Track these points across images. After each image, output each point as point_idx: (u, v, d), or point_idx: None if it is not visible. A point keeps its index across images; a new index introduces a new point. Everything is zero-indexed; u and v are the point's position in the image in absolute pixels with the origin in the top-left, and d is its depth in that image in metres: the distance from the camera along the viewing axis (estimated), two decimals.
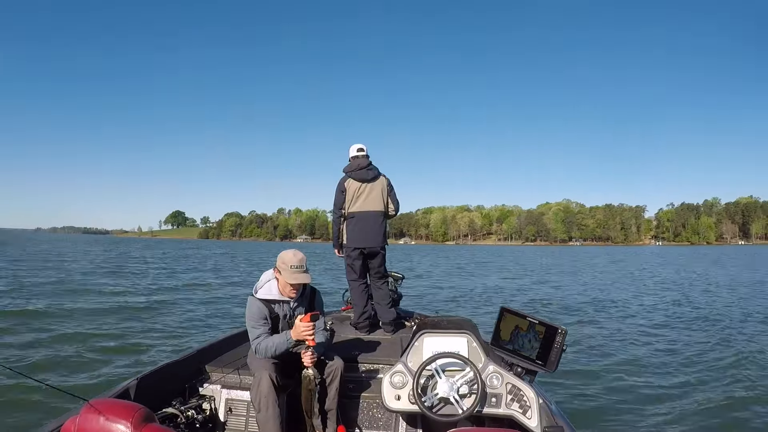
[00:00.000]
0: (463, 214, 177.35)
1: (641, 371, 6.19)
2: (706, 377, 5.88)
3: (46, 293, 12.82)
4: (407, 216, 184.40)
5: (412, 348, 2.74)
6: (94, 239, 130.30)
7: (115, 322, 9.04)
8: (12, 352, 6.71)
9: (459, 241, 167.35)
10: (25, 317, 9.18)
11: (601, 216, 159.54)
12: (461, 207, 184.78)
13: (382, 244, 4.17)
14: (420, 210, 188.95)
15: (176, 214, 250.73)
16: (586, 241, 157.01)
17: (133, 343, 7.50)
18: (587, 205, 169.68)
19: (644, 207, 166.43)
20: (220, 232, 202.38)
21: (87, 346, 7.13)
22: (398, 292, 4.57)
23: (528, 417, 2.44)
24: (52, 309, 10.24)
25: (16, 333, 7.84)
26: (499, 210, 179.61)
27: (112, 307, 11.00)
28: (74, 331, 8.11)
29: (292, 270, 2.65)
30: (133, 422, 1.39)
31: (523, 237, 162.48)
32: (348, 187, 4.10)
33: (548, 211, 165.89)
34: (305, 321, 2.56)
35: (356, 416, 2.97)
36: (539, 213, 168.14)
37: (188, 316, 10.11)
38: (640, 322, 10.02)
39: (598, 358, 6.78)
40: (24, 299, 11.51)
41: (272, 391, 2.54)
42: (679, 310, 11.63)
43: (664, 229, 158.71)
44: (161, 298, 12.89)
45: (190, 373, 3.04)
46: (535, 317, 2.58)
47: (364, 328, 4.07)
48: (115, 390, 2.54)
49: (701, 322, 9.74)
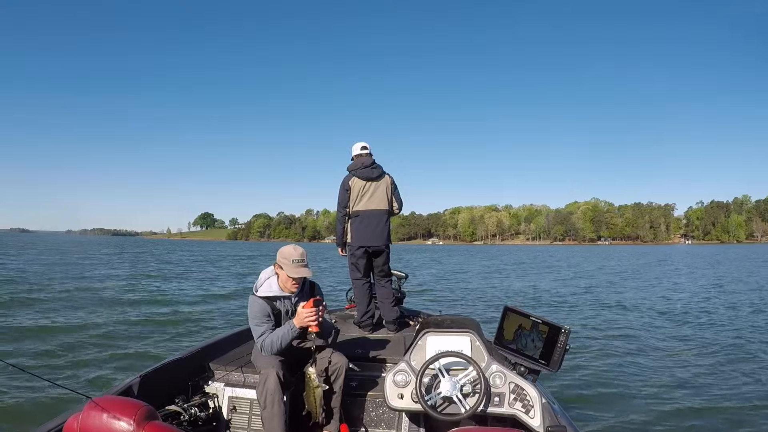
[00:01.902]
0: (491, 213, 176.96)
1: (645, 371, 6.10)
2: (713, 379, 5.78)
3: (49, 291, 12.92)
4: (435, 216, 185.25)
5: (415, 347, 2.76)
6: (124, 240, 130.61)
7: (117, 320, 9.09)
8: (14, 349, 6.75)
9: (487, 241, 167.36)
10: (27, 314, 9.29)
11: (629, 215, 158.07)
12: (489, 207, 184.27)
13: (386, 243, 4.15)
14: (448, 210, 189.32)
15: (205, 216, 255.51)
16: (615, 240, 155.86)
17: (135, 340, 7.51)
18: (616, 204, 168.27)
19: (673, 205, 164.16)
20: (249, 233, 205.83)
21: (90, 343, 7.15)
22: (402, 291, 4.60)
23: (531, 416, 2.45)
24: (55, 306, 10.37)
25: (19, 330, 7.87)
26: (527, 209, 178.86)
27: (115, 305, 11.03)
28: (77, 328, 8.16)
29: (293, 264, 2.67)
30: (136, 419, 1.40)
31: (551, 237, 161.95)
32: (353, 186, 4.05)
33: (577, 210, 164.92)
34: (308, 307, 2.60)
35: (359, 414, 2.99)
36: (567, 212, 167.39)
37: (190, 315, 10.05)
38: (647, 322, 9.82)
39: (602, 359, 6.72)
40: (26, 297, 11.57)
41: (279, 389, 2.56)
42: (696, 311, 11.24)
43: (694, 227, 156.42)
44: (164, 296, 12.97)
45: (194, 371, 3.04)
46: (538, 316, 2.59)
47: (368, 327, 4.06)
48: (118, 387, 2.55)
49: (715, 324, 9.46)
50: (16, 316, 9.12)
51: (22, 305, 10.47)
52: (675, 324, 9.62)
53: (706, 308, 11.71)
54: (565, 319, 9.73)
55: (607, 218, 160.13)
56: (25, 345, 6.94)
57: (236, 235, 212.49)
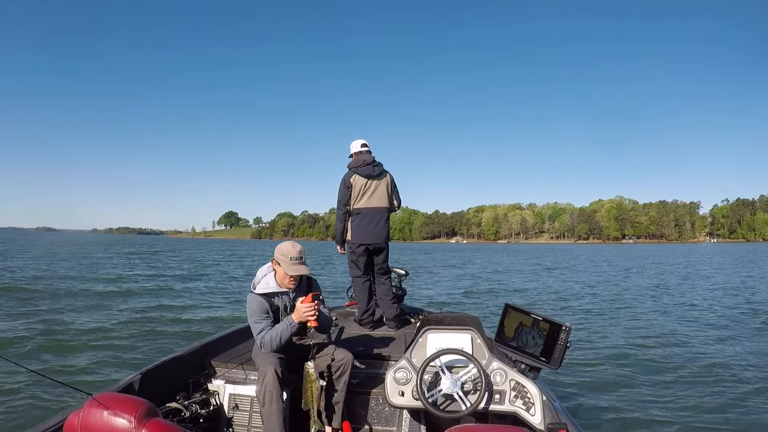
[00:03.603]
0: (514, 212, 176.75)
1: (647, 370, 6.08)
2: (715, 378, 5.72)
3: (53, 289, 12.97)
4: (459, 215, 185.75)
5: (416, 344, 2.77)
6: (149, 239, 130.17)
7: (120, 317, 9.12)
8: (16, 346, 6.75)
9: (511, 239, 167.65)
10: (29, 312, 9.31)
11: (654, 213, 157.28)
12: (513, 205, 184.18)
13: (386, 240, 4.18)
14: (472, 209, 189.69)
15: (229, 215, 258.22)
16: (640, 238, 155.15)
17: (136, 338, 7.51)
18: (640, 202, 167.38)
19: (698, 203, 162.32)
20: (273, 232, 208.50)
21: (92, 340, 7.17)
22: (402, 288, 4.63)
23: (531, 414, 2.45)
24: (57, 304, 10.44)
25: (20, 327, 7.90)
26: (551, 207, 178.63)
27: (117, 302, 11.07)
28: (79, 325, 8.18)
29: (291, 261, 2.69)
30: (136, 417, 1.40)
31: (575, 235, 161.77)
32: (354, 183, 4.04)
33: (601, 209, 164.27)
34: (307, 302, 2.61)
35: (360, 411, 2.99)
36: (592, 210, 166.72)
37: (193, 314, 10.06)
38: (652, 320, 9.76)
39: (603, 356, 6.71)
40: (29, 295, 11.64)
41: (277, 386, 2.56)
42: (705, 310, 11.08)
43: (719, 225, 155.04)
44: (166, 294, 13.06)
45: (195, 368, 3.04)
46: (539, 314, 2.59)
47: (368, 324, 4.07)
48: (119, 384, 2.55)
49: (723, 323, 9.31)
50: (17, 314, 9.09)
51: (23, 302, 10.55)
52: (692, 324, 9.35)
53: (724, 314, 10.79)
54: (586, 319, 9.81)
55: (631, 216, 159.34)
56: (25, 343, 6.94)
57: (260, 234, 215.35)
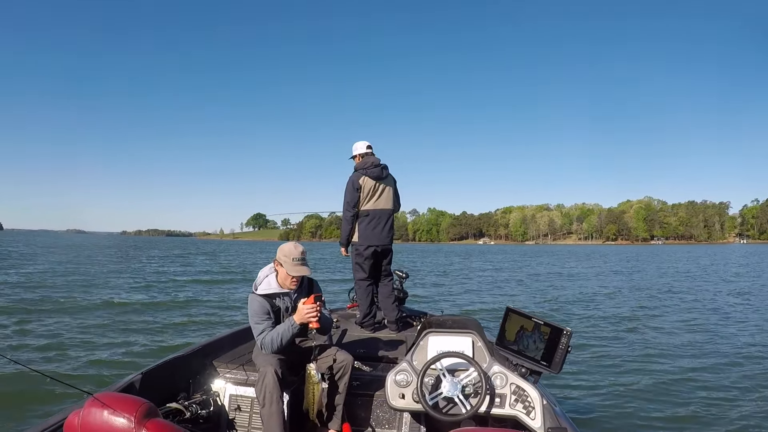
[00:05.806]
0: (542, 213, 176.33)
1: (648, 375, 6.04)
2: (716, 382, 5.71)
3: (55, 287, 13.04)
4: (486, 216, 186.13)
5: (417, 347, 2.79)
6: (179, 241, 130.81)
7: (121, 317, 9.13)
8: (17, 344, 6.72)
9: (538, 240, 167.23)
10: (30, 310, 9.34)
11: (683, 213, 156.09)
12: (541, 206, 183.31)
13: (392, 242, 4.23)
14: (499, 210, 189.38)
15: (257, 217, 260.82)
16: (668, 239, 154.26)
17: (137, 337, 7.48)
18: (669, 203, 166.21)
19: (728, 203, 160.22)
20: (301, 233, 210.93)
21: (92, 339, 7.14)
22: (404, 291, 4.62)
23: (532, 418, 2.46)
24: (59, 302, 10.51)
25: (21, 325, 7.88)
26: (579, 208, 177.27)
27: (118, 301, 11.09)
28: (80, 324, 8.18)
29: (293, 262, 2.70)
30: (136, 417, 1.39)
31: (603, 236, 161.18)
32: (363, 185, 4.03)
33: (629, 209, 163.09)
34: (308, 303, 2.62)
35: (360, 414, 2.97)
36: (620, 211, 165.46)
37: (195, 313, 10.08)
38: (653, 324, 9.67)
39: (604, 361, 6.68)
40: (31, 293, 11.80)
41: (277, 387, 2.55)
42: (707, 313, 10.91)
43: (749, 226, 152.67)
44: (168, 294, 13.08)
45: (195, 369, 3.03)
46: (540, 318, 2.58)
47: (369, 327, 4.07)
48: (120, 384, 2.54)
49: (727, 327, 9.22)
50: (18, 313, 9.17)
51: (21, 300, 10.64)
52: (695, 328, 9.23)
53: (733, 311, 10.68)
54: (590, 324, 9.68)
55: (660, 217, 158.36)
56: (26, 341, 6.94)
57: (288, 236, 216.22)
